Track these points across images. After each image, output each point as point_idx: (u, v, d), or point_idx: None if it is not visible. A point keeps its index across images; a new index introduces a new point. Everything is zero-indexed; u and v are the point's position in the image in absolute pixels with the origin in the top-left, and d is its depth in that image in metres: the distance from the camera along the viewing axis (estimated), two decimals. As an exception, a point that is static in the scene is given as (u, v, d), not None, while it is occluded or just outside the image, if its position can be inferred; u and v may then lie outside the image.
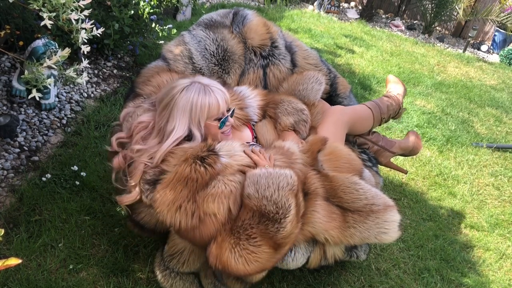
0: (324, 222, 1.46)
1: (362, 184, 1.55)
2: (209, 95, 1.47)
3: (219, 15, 1.97)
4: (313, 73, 1.93)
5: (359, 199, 1.50)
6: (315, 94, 1.89)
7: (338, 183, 1.53)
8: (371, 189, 1.54)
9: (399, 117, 2.22)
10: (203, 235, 1.35)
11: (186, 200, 1.33)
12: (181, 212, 1.32)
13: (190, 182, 1.34)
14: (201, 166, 1.35)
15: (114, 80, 3.02)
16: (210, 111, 1.47)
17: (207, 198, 1.33)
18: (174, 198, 1.33)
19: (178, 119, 1.44)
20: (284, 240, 1.35)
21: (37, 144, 2.25)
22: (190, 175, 1.34)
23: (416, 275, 2.09)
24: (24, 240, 1.78)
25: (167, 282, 1.59)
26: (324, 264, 1.60)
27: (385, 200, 1.52)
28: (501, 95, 4.52)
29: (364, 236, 1.48)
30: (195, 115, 1.46)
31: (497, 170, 3.09)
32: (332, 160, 1.63)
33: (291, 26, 5.00)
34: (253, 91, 1.82)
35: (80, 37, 1.50)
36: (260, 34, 1.96)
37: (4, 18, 2.41)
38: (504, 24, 5.45)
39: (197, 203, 1.33)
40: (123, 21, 2.91)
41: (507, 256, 2.34)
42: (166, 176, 1.37)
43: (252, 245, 1.32)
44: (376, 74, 4.23)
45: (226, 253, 1.31)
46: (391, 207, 1.51)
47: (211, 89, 1.48)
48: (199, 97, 1.45)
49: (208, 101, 1.46)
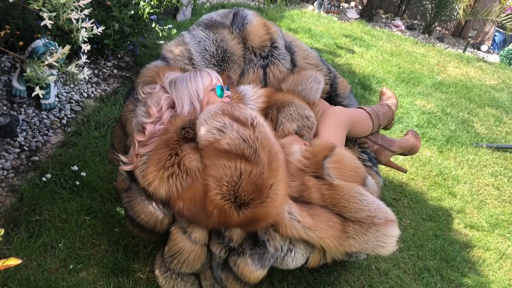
0: (319, 229, 1.46)
1: (366, 195, 1.54)
2: (200, 71, 1.64)
3: (219, 15, 1.96)
4: (311, 72, 1.93)
5: (362, 210, 1.49)
6: (315, 93, 1.89)
7: (342, 192, 1.52)
8: (374, 201, 1.53)
9: (389, 128, 2.24)
10: (200, 193, 1.34)
11: (168, 156, 1.37)
12: (169, 172, 1.35)
13: (171, 142, 1.40)
14: (182, 130, 1.43)
15: (114, 80, 3.02)
16: (203, 81, 1.60)
17: (189, 148, 1.38)
18: (158, 159, 1.38)
19: (180, 99, 1.57)
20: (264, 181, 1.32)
21: (37, 144, 2.25)
22: (171, 137, 1.41)
23: (416, 275, 2.09)
24: (24, 240, 1.78)
25: (168, 284, 1.58)
26: (323, 263, 1.60)
27: (386, 214, 1.51)
28: (501, 95, 4.52)
29: (362, 247, 1.48)
30: (192, 89, 1.58)
31: (497, 170, 3.09)
32: (339, 168, 1.61)
33: (291, 26, 5.00)
34: (257, 92, 1.79)
35: (80, 36, 1.51)
36: (260, 35, 1.96)
37: (4, 18, 2.41)
38: (504, 25, 5.45)
39: (180, 156, 1.37)
40: (123, 21, 2.91)
41: (507, 256, 2.34)
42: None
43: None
44: (376, 74, 4.23)
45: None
46: (392, 222, 1.51)
47: (203, 69, 1.66)
48: (191, 75, 1.62)
49: (200, 74, 1.62)
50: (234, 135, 1.33)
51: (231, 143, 1.32)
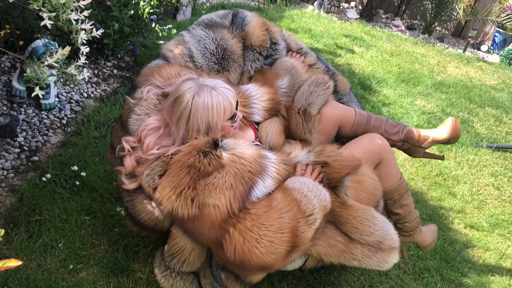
0: (318, 246, 1.46)
1: (378, 218, 1.52)
2: (222, 96, 1.46)
3: (218, 16, 1.97)
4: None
5: (374, 234, 1.48)
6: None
7: (356, 214, 1.49)
8: (383, 226, 1.51)
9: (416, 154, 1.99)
10: (203, 227, 1.35)
11: (186, 187, 1.34)
12: (181, 199, 1.34)
13: (192, 170, 1.36)
14: (205, 157, 1.38)
15: (114, 80, 3.02)
16: (225, 113, 1.48)
17: (208, 186, 1.34)
18: (176, 185, 1.35)
19: (197, 127, 1.45)
20: (302, 244, 1.38)
21: (37, 144, 2.25)
22: (194, 164, 1.37)
23: (416, 275, 2.09)
24: (24, 240, 1.78)
25: (167, 282, 1.58)
26: (321, 265, 1.60)
27: (392, 241, 1.51)
28: (501, 95, 4.52)
29: (361, 266, 1.51)
30: (213, 120, 1.46)
31: (497, 170, 3.09)
32: (357, 189, 1.54)
33: (291, 26, 5.00)
34: (259, 89, 1.79)
35: (79, 38, 1.51)
36: (259, 35, 1.96)
37: (4, 18, 2.41)
38: (504, 25, 5.45)
39: (197, 191, 1.34)
40: (123, 21, 2.91)
41: (507, 256, 2.34)
42: (171, 167, 1.40)
43: (278, 238, 1.33)
44: (376, 74, 4.23)
45: (252, 242, 1.31)
46: (395, 250, 1.51)
47: (221, 91, 1.47)
48: (213, 102, 1.45)
49: (223, 104, 1.46)
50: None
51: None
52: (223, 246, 1.35)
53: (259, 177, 1.42)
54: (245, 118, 1.72)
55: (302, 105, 1.79)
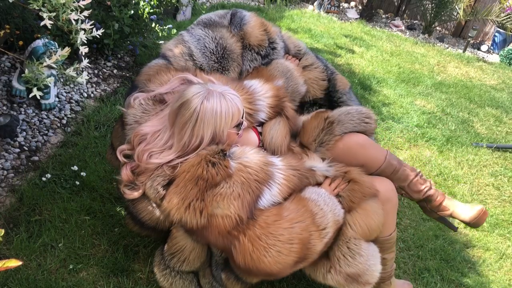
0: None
1: (365, 251, 1.50)
2: (230, 103, 1.43)
3: (217, 15, 1.97)
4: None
5: (352, 266, 1.48)
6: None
7: (344, 240, 1.49)
8: (367, 261, 1.49)
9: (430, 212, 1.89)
10: (211, 235, 1.36)
11: (195, 199, 1.34)
12: (190, 210, 1.34)
13: (200, 181, 1.35)
14: (213, 168, 1.36)
15: (114, 80, 3.02)
16: (233, 121, 1.45)
17: (215, 197, 1.34)
18: (184, 196, 1.34)
19: (202, 133, 1.41)
20: (311, 256, 1.40)
21: (37, 144, 2.25)
22: (202, 175, 1.35)
23: (416, 275, 2.09)
24: (24, 240, 1.78)
25: (166, 281, 1.59)
26: None
27: (370, 277, 1.51)
28: (501, 95, 4.52)
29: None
30: (220, 127, 1.42)
31: (497, 170, 3.09)
32: (362, 217, 1.51)
33: (291, 26, 5.00)
34: (263, 86, 1.74)
35: (79, 38, 1.50)
36: (257, 35, 1.96)
37: (4, 18, 2.41)
38: (504, 25, 5.45)
39: (205, 202, 1.34)
40: (123, 21, 2.91)
41: (507, 256, 2.34)
42: (178, 177, 1.38)
43: (287, 248, 1.35)
44: (376, 74, 4.23)
45: (261, 251, 1.33)
46: (369, 285, 1.52)
47: (230, 97, 1.43)
48: (222, 108, 1.40)
49: (231, 111, 1.42)
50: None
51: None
52: (232, 253, 1.36)
53: (266, 186, 1.40)
54: (250, 115, 1.65)
55: (333, 116, 1.75)
